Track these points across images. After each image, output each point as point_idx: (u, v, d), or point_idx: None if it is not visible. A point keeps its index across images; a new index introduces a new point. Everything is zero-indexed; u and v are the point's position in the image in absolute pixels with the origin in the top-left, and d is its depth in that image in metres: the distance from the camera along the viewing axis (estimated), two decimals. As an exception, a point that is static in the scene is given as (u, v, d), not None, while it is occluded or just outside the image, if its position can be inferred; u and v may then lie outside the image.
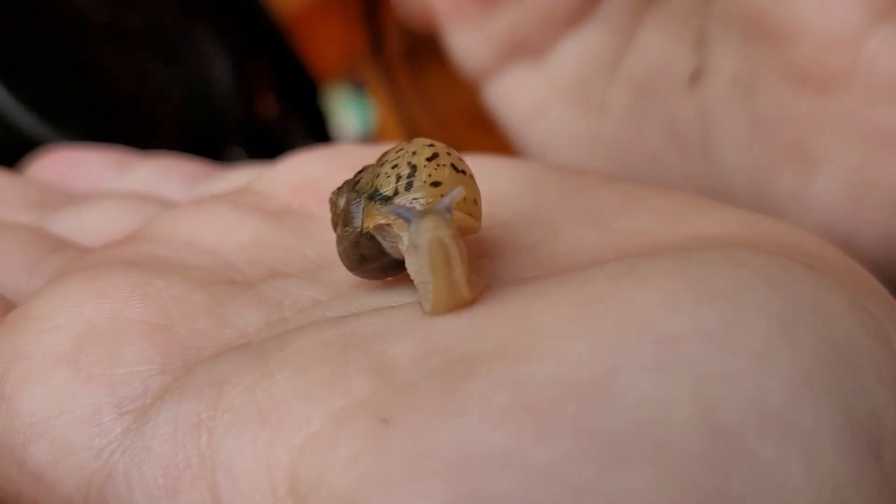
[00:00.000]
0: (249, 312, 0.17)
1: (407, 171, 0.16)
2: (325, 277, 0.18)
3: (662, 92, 0.24)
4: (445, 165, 0.16)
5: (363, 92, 0.54)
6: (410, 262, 0.15)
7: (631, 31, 0.26)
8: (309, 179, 0.22)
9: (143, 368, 0.16)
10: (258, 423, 0.14)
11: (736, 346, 0.13)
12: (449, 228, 0.15)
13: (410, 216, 0.15)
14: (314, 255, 0.19)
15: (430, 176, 0.16)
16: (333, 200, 0.18)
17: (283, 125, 0.37)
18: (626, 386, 0.12)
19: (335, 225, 0.17)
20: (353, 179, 0.17)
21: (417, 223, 0.15)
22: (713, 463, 0.12)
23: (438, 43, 0.28)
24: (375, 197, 0.16)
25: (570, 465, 0.12)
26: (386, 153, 0.17)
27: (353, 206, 0.17)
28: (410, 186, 0.16)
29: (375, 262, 0.17)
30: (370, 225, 0.16)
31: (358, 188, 0.17)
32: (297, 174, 0.22)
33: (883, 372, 0.13)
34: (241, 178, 0.24)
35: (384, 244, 0.16)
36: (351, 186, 0.17)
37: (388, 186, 0.16)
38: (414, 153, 0.16)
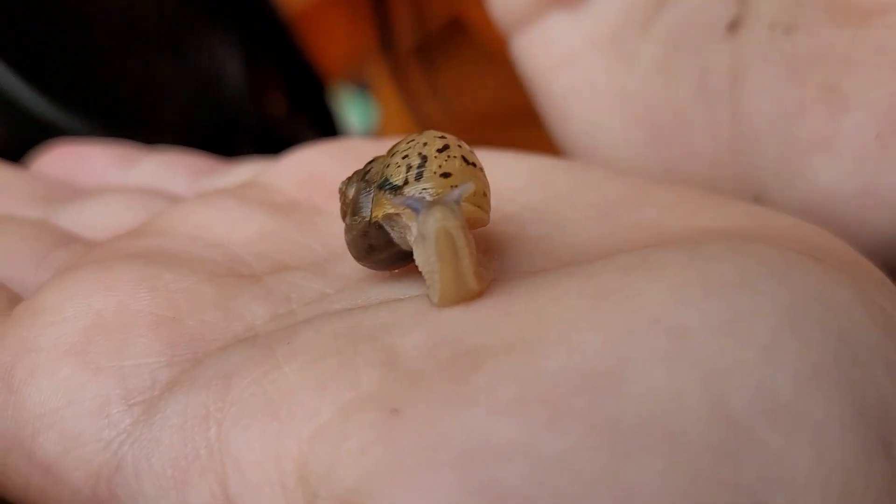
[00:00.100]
0: (257, 305, 0.17)
1: (417, 161, 0.16)
2: (331, 270, 0.18)
3: (696, 44, 0.24)
4: (456, 157, 0.16)
5: (365, 91, 0.54)
6: (418, 252, 0.15)
7: None
8: (315, 173, 0.22)
9: (151, 360, 0.16)
10: (267, 415, 0.14)
11: (745, 337, 0.13)
12: (457, 219, 0.15)
13: (419, 206, 0.15)
14: (321, 248, 0.19)
15: (440, 167, 0.16)
16: (343, 190, 0.18)
17: (291, 125, 0.37)
18: (636, 377, 0.12)
19: (344, 215, 0.17)
20: (363, 170, 0.17)
21: (426, 213, 0.15)
22: (723, 453, 0.12)
23: (452, 38, 0.28)
24: (385, 186, 0.16)
25: (580, 455, 0.12)
26: (397, 144, 0.17)
27: (362, 195, 0.17)
28: (420, 177, 0.16)
29: (383, 252, 0.17)
30: (379, 214, 0.16)
31: (368, 178, 0.17)
32: (302, 168, 0.22)
33: (891, 363, 0.13)
34: (246, 172, 0.24)
35: (392, 234, 0.16)
36: (361, 176, 0.17)
37: (398, 176, 0.16)
38: (425, 144, 0.16)
